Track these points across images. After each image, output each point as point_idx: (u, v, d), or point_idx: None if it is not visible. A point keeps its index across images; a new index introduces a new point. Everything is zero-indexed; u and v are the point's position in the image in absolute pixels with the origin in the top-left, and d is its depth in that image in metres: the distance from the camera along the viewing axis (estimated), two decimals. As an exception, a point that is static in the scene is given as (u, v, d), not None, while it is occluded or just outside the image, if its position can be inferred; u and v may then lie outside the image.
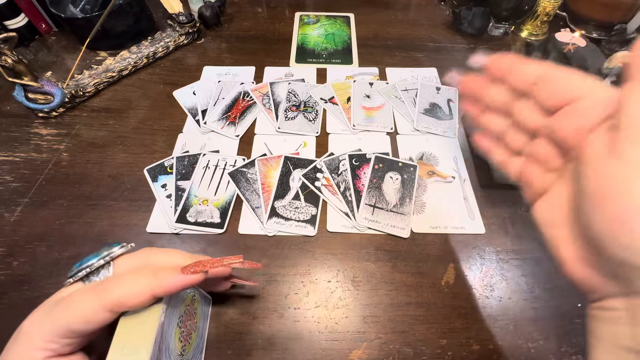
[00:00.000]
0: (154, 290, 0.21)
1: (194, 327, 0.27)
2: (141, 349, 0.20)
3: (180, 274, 0.22)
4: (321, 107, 0.49)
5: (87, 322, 0.20)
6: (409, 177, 0.41)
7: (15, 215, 0.37)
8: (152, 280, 0.21)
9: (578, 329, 0.31)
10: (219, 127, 0.46)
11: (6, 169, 0.41)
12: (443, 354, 0.30)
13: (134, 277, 0.21)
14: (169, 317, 0.23)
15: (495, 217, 0.38)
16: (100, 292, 0.21)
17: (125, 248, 0.24)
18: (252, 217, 0.37)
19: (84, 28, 0.51)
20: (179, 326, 0.24)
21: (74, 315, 0.20)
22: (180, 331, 0.24)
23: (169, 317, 0.23)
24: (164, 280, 0.21)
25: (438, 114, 0.48)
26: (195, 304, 0.27)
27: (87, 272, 0.22)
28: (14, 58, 0.42)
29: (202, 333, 0.29)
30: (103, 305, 0.20)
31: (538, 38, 0.61)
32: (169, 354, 0.22)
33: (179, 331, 0.24)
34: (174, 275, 0.22)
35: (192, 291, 0.27)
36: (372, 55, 0.58)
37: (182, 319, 0.25)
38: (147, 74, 0.53)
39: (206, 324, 0.30)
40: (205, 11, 0.59)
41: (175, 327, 0.24)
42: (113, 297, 0.20)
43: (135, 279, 0.21)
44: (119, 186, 0.40)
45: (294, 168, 0.41)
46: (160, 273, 0.21)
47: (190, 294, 0.26)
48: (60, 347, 0.21)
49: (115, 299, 0.20)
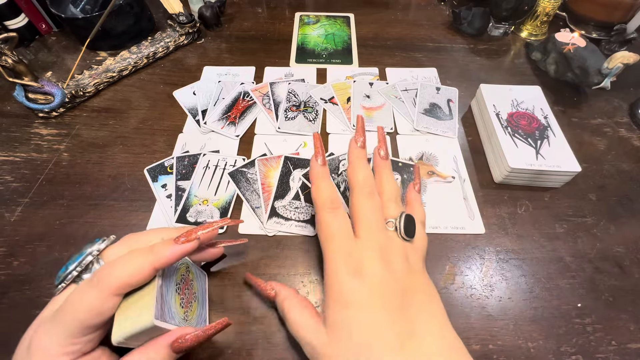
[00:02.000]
0: (153, 264, 0.22)
1: (193, 297, 0.27)
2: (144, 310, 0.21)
3: (175, 244, 0.23)
4: (321, 107, 0.49)
5: (98, 313, 0.20)
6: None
7: (15, 215, 0.37)
8: (149, 255, 0.22)
9: (578, 329, 0.31)
10: (219, 127, 0.46)
11: (6, 169, 0.41)
12: (443, 354, 0.30)
13: (130, 258, 0.22)
14: (166, 282, 0.24)
15: (495, 217, 0.38)
16: (99, 282, 0.21)
17: (108, 240, 0.24)
18: (252, 217, 0.37)
19: (84, 28, 0.51)
20: (178, 293, 0.25)
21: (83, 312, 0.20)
22: (180, 298, 0.25)
23: (166, 282, 0.24)
24: (160, 253, 0.22)
25: (438, 114, 0.48)
26: (190, 275, 0.28)
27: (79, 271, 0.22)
28: (14, 58, 0.42)
29: (203, 303, 0.30)
30: (109, 291, 0.20)
31: (538, 38, 0.61)
32: (172, 316, 0.23)
33: (179, 297, 0.25)
34: (170, 247, 0.23)
35: (183, 261, 0.27)
36: (372, 55, 0.58)
37: (180, 287, 0.25)
38: (147, 74, 0.53)
39: (206, 296, 0.31)
40: (205, 11, 0.59)
41: (174, 293, 0.24)
42: (115, 280, 0.21)
43: (132, 259, 0.22)
44: (119, 186, 0.40)
45: (294, 168, 0.41)
46: (155, 247, 0.22)
47: (182, 264, 0.27)
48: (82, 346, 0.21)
49: (118, 282, 0.21)
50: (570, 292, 0.33)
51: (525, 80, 0.54)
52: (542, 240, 0.37)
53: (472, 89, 0.51)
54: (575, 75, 0.49)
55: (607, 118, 0.49)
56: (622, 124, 0.48)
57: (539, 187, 0.41)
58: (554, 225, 0.38)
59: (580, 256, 0.36)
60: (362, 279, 0.24)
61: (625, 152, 0.45)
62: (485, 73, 0.55)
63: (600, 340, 0.31)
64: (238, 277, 0.33)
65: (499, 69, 0.57)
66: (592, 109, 0.50)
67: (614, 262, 0.36)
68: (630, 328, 0.31)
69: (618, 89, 0.51)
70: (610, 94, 0.51)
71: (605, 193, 0.41)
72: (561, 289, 0.34)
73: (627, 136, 0.47)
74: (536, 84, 0.51)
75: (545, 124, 0.43)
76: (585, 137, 0.47)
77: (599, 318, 0.32)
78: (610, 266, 0.35)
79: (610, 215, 0.39)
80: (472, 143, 0.46)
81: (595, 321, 0.32)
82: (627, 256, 0.36)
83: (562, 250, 0.36)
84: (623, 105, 0.51)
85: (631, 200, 0.40)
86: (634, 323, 0.32)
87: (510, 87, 0.47)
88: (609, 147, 0.46)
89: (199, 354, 0.29)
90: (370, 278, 0.24)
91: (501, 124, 0.42)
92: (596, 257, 0.36)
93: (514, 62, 0.58)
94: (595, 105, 0.51)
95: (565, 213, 0.39)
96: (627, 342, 0.31)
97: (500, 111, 0.44)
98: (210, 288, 0.33)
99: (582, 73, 0.48)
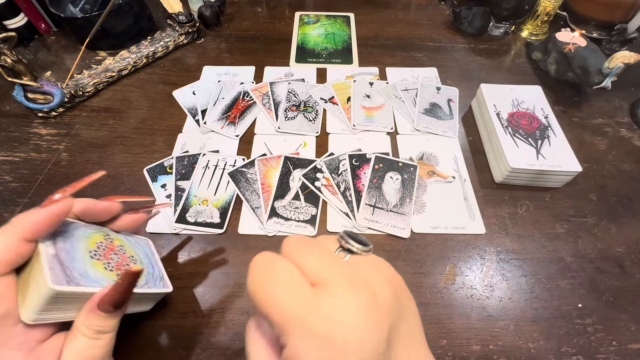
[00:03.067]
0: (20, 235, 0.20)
1: (130, 260, 0.27)
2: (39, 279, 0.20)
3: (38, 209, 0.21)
4: (321, 107, 0.49)
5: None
6: (409, 177, 0.41)
7: (15, 215, 0.37)
8: (12, 229, 0.21)
9: (578, 329, 0.31)
10: (219, 127, 0.45)
11: (6, 169, 0.41)
12: (443, 354, 0.30)
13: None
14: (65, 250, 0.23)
15: (495, 217, 0.38)
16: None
17: None
18: (252, 217, 0.37)
19: (84, 28, 0.51)
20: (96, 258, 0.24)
21: None
22: (103, 263, 0.24)
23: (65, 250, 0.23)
24: (23, 222, 0.21)
25: (438, 114, 0.48)
26: (115, 242, 0.27)
27: None
28: (14, 58, 0.42)
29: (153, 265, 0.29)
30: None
31: (538, 38, 0.61)
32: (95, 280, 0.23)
33: (99, 262, 0.24)
34: (33, 213, 0.21)
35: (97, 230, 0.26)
36: (372, 55, 0.58)
37: (98, 253, 0.25)
38: (146, 74, 0.53)
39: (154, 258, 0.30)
40: (205, 11, 0.59)
41: (89, 259, 0.24)
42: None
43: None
44: (118, 186, 0.40)
45: (294, 168, 0.41)
46: (15, 220, 0.21)
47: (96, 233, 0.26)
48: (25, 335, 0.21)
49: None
50: (570, 292, 0.33)
51: (525, 80, 0.54)
52: (542, 241, 0.37)
53: (472, 88, 0.51)
54: (575, 75, 0.49)
55: (608, 118, 0.49)
56: (622, 124, 0.48)
57: (539, 187, 0.41)
58: (555, 225, 0.38)
59: (581, 256, 0.36)
60: None
61: (626, 152, 0.45)
62: (486, 73, 0.55)
63: (600, 341, 0.31)
64: (237, 278, 0.33)
65: (500, 68, 0.56)
66: (592, 109, 0.50)
67: (615, 262, 0.35)
68: (631, 328, 0.31)
69: (619, 88, 0.51)
70: (611, 93, 0.51)
71: (606, 193, 0.41)
72: (562, 289, 0.34)
73: (628, 136, 0.47)
74: (537, 83, 0.51)
75: (546, 124, 0.43)
76: (586, 137, 0.47)
77: (600, 318, 0.32)
78: (611, 266, 0.35)
79: (611, 215, 0.39)
80: (473, 143, 0.46)
81: (596, 321, 0.32)
82: (627, 256, 0.36)
83: (563, 250, 0.36)
84: (624, 105, 0.51)
85: (632, 200, 0.40)
86: (634, 323, 0.32)
87: (510, 86, 0.47)
88: (610, 147, 0.45)
89: (198, 354, 0.29)
90: None
91: (502, 124, 0.42)
92: (597, 258, 0.36)
93: (515, 62, 0.58)
94: (596, 105, 0.50)
95: (566, 213, 0.39)
96: (627, 343, 0.31)
97: (501, 111, 0.44)
98: (210, 288, 0.33)
99: (582, 73, 0.48)
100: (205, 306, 0.32)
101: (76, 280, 0.22)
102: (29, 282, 0.21)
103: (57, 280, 0.21)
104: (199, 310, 0.31)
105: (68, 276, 0.21)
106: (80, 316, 0.22)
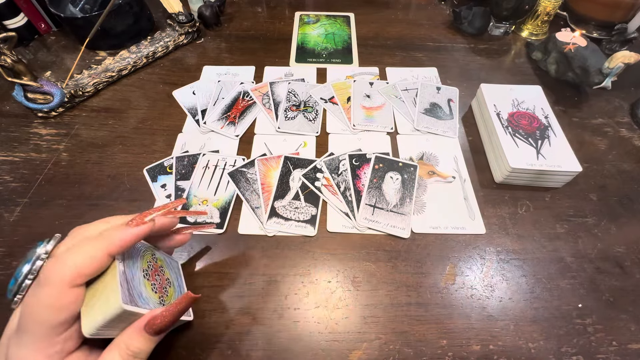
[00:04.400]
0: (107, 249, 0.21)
1: (167, 282, 0.27)
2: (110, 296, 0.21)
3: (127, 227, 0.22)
4: (321, 107, 0.49)
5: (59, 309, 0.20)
6: (409, 177, 0.41)
7: (14, 215, 0.37)
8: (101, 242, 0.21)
9: (578, 329, 0.31)
10: (219, 127, 0.45)
11: (5, 169, 0.41)
12: (443, 355, 0.30)
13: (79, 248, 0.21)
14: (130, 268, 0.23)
15: (495, 217, 0.38)
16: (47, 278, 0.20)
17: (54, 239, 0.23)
18: (252, 217, 0.37)
19: (84, 28, 0.51)
20: (147, 278, 0.25)
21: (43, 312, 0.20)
22: (150, 283, 0.25)
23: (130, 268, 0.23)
24: (112, 237, 0.21)
25: (438, 114, 0.48)
26: (158, 262, 0.27)
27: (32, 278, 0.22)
28: (14, 58, 0.42)
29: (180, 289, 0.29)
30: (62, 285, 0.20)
31: (538, 38, 0.61)
32: (145, 301, 0.23)
33: (149, 283, 0.25)
34: (122, 230, 0.22)
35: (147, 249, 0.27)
36: (372, 55, 0.58)
37: (149, 273, 0.25)
38: (146, 74, 0.53)
39: (182, 282, 0.30)
40: (205, 11, 0.59)
41: (143, 279, 0.24)
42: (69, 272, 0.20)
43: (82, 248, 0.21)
44: (118, 186, 0.40)
45: (294, 168, 0.41)
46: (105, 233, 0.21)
47: (147, 252, 0.26)
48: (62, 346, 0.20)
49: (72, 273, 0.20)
50: (571, 292, 0.33)
51: (525, 80, 0.54)
52: (542, 241, 0.37)
53: (472, 88, 0.51)
54: (576, 75, 0.49)
55: (608, 118, 0.49)
56: (622, 124, 0.48)
57: (539, 187, 0.41)
58: (555, 225, 0.38)
59: (581, 256, 0.36)
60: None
61: (626, 152, 0.45)
62: (486, 73, 0.55)
63: (601, 341, 0.31)
64: (237, 278, 0.33)
65: (500, 68, 0.56)
66: (592, 109, 0.50)
67: (615, 262, 0.35)
68: (631, 328, 0.31)
69: (619, 88, 0.51)
70: (611, 93, 0.51)
71: (606, 193, 0.41)
72: (562, 289, 0.34)
73: (628, 136, 0.47)
74: (537, 83, 0.51)
75: (546, 124, 0.43)
76: (586, 137, 0.47)
77: (600, 318, 0.32)
78: (611, 266, 0.35)
79: (611, 215, 0.39)
80: (473, 143, 0.46)
81: (596, 321, 0.32)
82: (627, 256, 0.36)
83: (563, 250, 0.36)
84: (624, 105, 0.51)
85: (632, 200, 0.40)
86: (634, 323, 0.32)
87: (510, 86, 0.47)
88: (610, 147, 0.45)
89: (198, 355, 0.29)
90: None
91: (502, 124, 0.42)
92: (597, 258, 0.36)
93: (515, 62, 0.58)
94: (596, 105, 0.50)
95: (566, 213, 0.39)
96: (627, 343, 0.31)
97: (501, 111, 0.44)
98: (210, 289, 0.33)
99: (582, 73, 0.47)
100: (205, 306, 0.32)
101: (135, 301, 0.22)
102: (97, 296, 0.21)
103: (125, 299, 0.21)
104: (199, 311, 0.31)
105: (133, 296, 0.22)
106: (124, 335, 0.22)
